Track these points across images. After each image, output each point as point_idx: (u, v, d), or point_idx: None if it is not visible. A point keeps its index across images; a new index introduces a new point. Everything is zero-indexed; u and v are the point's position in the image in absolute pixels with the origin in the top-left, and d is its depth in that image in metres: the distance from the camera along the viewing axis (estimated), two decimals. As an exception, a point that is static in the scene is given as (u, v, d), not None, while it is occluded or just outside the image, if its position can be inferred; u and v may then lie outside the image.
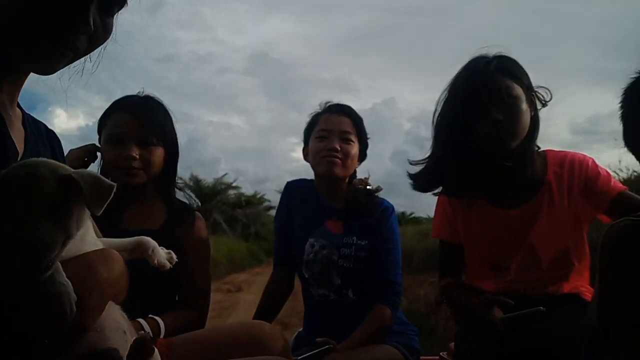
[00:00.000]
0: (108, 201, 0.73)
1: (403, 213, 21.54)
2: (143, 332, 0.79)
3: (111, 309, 0.80)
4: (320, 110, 1.86)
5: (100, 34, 0.81)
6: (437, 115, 1.56)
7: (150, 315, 1.31)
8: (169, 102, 1.57)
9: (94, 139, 1.57)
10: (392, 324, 1.65)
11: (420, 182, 1.63)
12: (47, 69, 0.78)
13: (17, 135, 0.82)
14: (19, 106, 0.88)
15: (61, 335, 0.68)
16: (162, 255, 0.94)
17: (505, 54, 1.50)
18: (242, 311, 6.48)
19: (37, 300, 0.64)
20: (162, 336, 1.29)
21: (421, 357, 1.75)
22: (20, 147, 0.82)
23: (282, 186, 1.95)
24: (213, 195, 21.30)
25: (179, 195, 1.62)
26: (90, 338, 0.73)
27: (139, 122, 1.45)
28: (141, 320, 1.28)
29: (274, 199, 21.70)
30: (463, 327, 1.50)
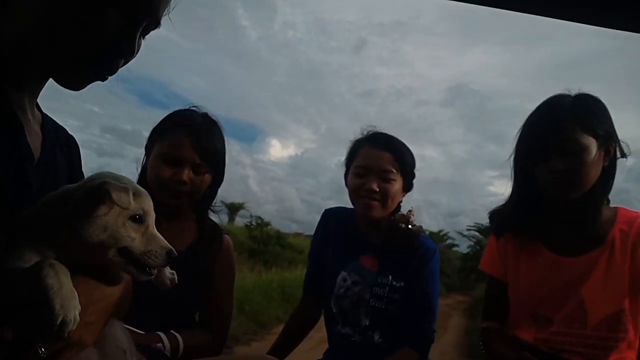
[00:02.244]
0: None
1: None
2: None
3: (113, 326, 0.82)
4: (361, 137, 1.76)
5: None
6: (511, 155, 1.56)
7: (171, 331, 1.33)
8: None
9: (303, 168, 1.63)
10: None
11: (494, 223, 1.62)
12: (78, 87, 0.79)
13: (34, 139, 0.82)
14: (39, 109, 0.88)
15: (56, 344, 0.69)
16: (166, 275, 0.94)
17: (590, 94, 1.44)
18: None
19: (46, 301, 0.66)
20: (180, 353, 1.30)
21: None
22: (36, 150, 0.81)
23: (476, 220, 1.87)
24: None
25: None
26: (87, 354, 0.74)
27: (198, 149, 1.43)
28: (161, 334, 1.30)
29: (458, 238, 22.51)
30: None
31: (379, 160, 1.66)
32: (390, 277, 1.65)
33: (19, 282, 0.68)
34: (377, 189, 1.63)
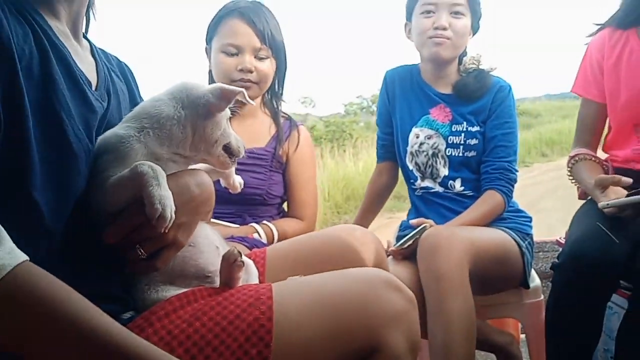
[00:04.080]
0: None
1: None
2: (233, 248, 0.84)
3: (202, 226, 0.87)
4: None
5: None
6: None
7: (264, 222, 1.43)
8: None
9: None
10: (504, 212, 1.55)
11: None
12: None
13: (88, 66, 0.81)
14: (86, 38, 0.87)
15: (154, 244, 0.76)
16: (236, 179, 0.99)
17: None
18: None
19: (146, 196, 0.70)
20: (275, 241, 1.40)
21: (537, 240, 1.68)
22: (92, 77, 0.80)
23: None
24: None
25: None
26: (185, 252, 0.83)
27: (255, 32, 1.40)
28: (256, 225, 1.41)
29: None
30: (581, 208, 1.42)
31: None
32: (465, 124, 1.59)
33: (120, 183, 0.72)
34: (448, 26, 1.53)
